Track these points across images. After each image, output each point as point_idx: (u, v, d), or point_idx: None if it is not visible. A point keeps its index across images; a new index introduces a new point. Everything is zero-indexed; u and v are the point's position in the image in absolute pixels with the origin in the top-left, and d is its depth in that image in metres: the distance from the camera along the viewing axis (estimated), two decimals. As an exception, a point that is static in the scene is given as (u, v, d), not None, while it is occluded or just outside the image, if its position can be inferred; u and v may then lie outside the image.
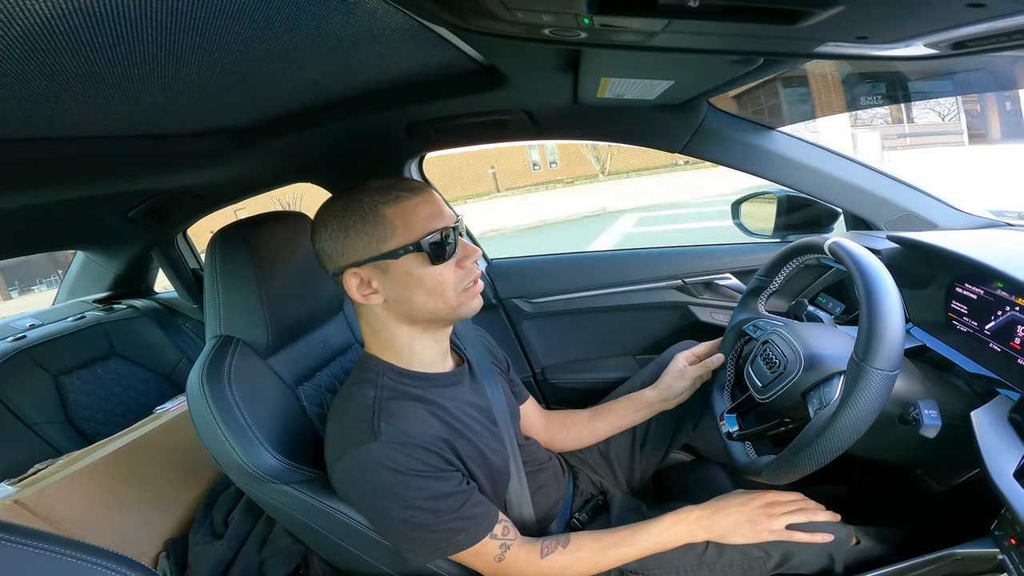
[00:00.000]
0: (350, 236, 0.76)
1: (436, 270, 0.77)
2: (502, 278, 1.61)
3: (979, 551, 0.75)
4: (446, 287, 0.78)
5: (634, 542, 0.86)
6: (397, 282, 0.77)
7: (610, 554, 0.85)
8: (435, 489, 0.75)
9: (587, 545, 0.85)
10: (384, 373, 0.81)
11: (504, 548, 0.81)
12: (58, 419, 1.65)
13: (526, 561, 0.82)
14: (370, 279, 0.77)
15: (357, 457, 0.73)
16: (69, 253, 2.13)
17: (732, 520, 0.86)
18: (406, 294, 0.78)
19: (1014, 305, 0.78)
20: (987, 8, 0.45)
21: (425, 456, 0.75)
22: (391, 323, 0.81)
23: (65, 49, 0.46)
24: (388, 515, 0.75)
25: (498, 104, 1.11)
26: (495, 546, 0.80)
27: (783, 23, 0.51)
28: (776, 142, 1.18)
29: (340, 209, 0.77)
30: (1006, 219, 1.10)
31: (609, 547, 0.85)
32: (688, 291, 1.49)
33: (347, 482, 0.75)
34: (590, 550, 0.85)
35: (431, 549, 0.77)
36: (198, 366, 0.81)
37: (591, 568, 0.84)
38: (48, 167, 0.82)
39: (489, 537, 0.79)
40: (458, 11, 0.55)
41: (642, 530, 0.87)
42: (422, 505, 0.74)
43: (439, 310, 0.80)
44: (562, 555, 0.83)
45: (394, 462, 0.73)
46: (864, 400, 0.65)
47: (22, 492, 1.00)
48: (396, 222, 0.75)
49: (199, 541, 1.08)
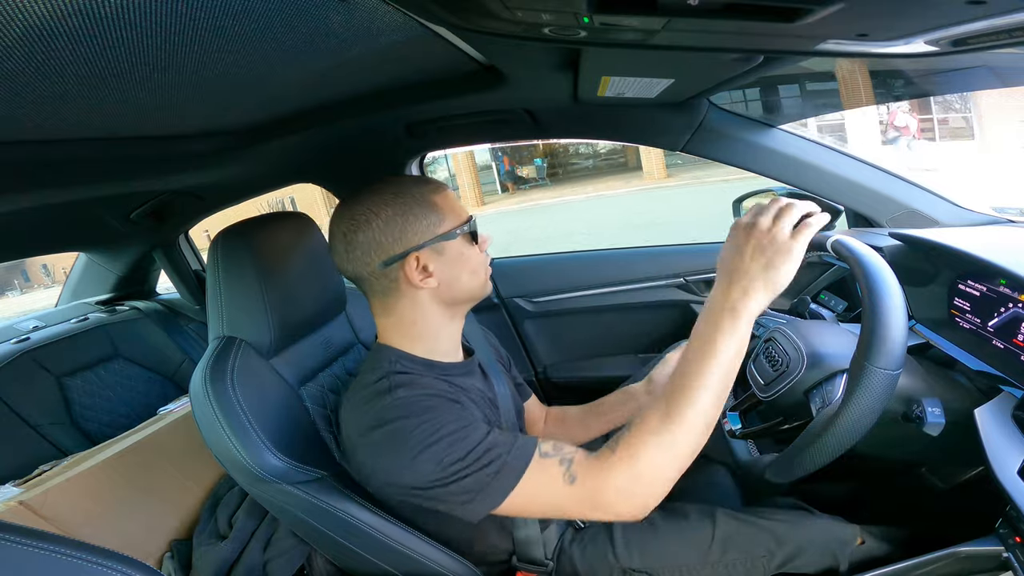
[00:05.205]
0: (409, 221, 0.79)
1: (476, 251, 0.85)
2: (504, 277, 1.61)
3: (983, 549, 0.74)
4: (482, 267, 0.86)
5: (692, 366, 0.68)
6: (451, 263, 0.82)
7: (681, 395, 0.67)
8: (459, 419, 0.72)
9: (654, 407, 0.69)
10: (398, 360, 0.81)
11: (567, 464, 0.70)
12: (62, 421, 1.66)
13: (601, 466, 0.68)
14: (427, 263, 0.80)
15: (376, 422, 0.72)
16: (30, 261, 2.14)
17: (750, 278, 0.68)
18: (456, 274, 0.82)
19: (1017, 302, 0.77)
20: (987, 5, 0.45)
21: (440, 401, 0.74)
22: (431, 309, 0.83)
23: (65, 50, 0.46)
24: (423, 472, 0.69)
25: (498, 103, 1.11)
26: (554, 465, 0.70)
27: (783, 21, 0.51)
28: (777, 140, 1.18)
29: (390, 198, 0.80)
30: (1008, 216, 1.09)
31: (676, 391, 0.68)
32: (689, 289, 1.49)
33: (373, 456, 0.73)
34: (658, 407, 0.68)
35: (486, 492, 0.69)
36: (201, 367, 0.81)
37: (673, 426, 0.66)
38: (49, 169, 0.82)
39: (539, 456, 0.70)
40: (458, 10, 0.54)
41: (687, 358, 0.69)
42: (452, 440, 0.70)
43: (476, 288, 0.86)
44: (630, 438, 0.68)
45: (410, 411, 0.72)
46: (866, 400, 0.65)
47: (27, 493, 1.00)
48: (444, 208, 0.82)
49: (203, 542, 1.08)
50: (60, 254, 2.08)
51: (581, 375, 1.59)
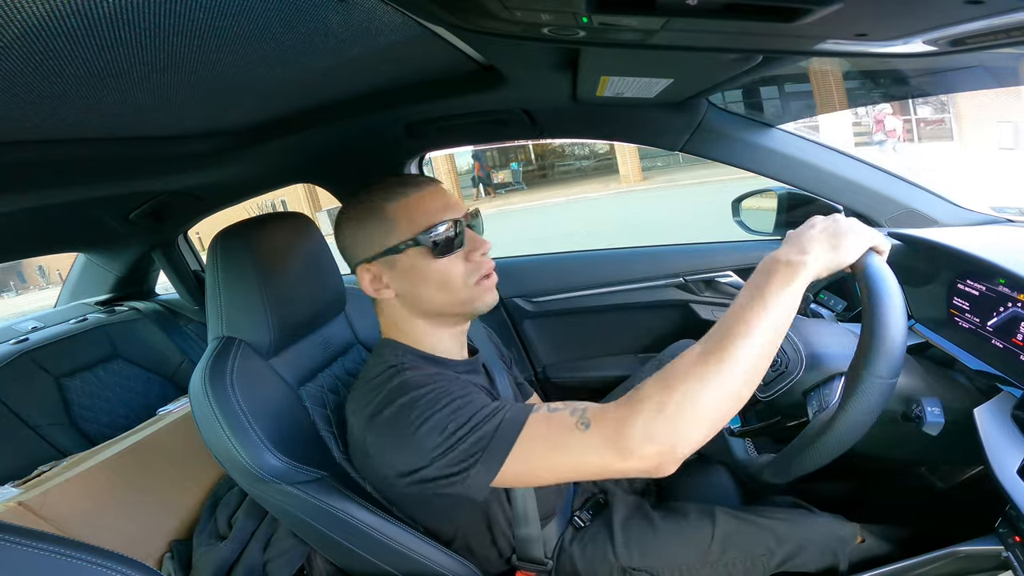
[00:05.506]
0: (359, 233, 0.79)
1: (441, 263, 0.78)
2: (503, 277, 1.60)
3: (983, 549, 0.75)
4: (453, 280, 0.78)
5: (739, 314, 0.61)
6: (404, 277, 0.79)
7: (724, 341, 0.60)
8: (462, 389, 0.71)
9: (687, 353, 0.62)
10: (404, 353, 0.80)
11: (579, 413, 0.63)
12: (61, 421, 1.65)
13: (619, 410, 0.61)
14: (380, 274, 0.79)
15: (384, 403, 0.71)
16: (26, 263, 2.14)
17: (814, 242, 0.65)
18: (414, 289, 0.79)
19: (1016, 301, 0.77)
20: (986, 5, 0.45)
21: (443, 378, 0.73)
22: (406, 316, 0.83)
23: (63, 51, 0.46)
24: (427, 443, 0.66)
25: (497, 103, 1.11)
26: (564, 416, 0.64)
27: (782, 21, 0.51)
28: (776, 139, 1.18)
29: (353, 208, 0.81)
30: (1007, 215, 1.10)
31: (718, 333, 0.61)
32: (689, 289, 1.49)
33: (380, 437, 0.71)
34: (694, 350, 0.61)
35: (488, 451, 0.64)
36: (201, 367, 0.81)
37: (713, 367, 0.59)
38: (48, 169, 0.82)
39: (546, 410, 0.66)
40: (456, 10, 0.55)
41: (736, 305, 0.62)
42: (455, 406, 0.68)
43: (449, 304, 0.80)
44: (662, 376, 0.61)
45: (415, 384, 0.70)
46: (862, 406, 0.64)
47: (26, 494, 1.00)
48: (399, 218, 0.78)
49: (203, 542, 1.08)
50: (56, 255, 2.08)
51: (580, 375, 1.59)
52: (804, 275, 0.62)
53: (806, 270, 0.62)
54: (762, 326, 0.60)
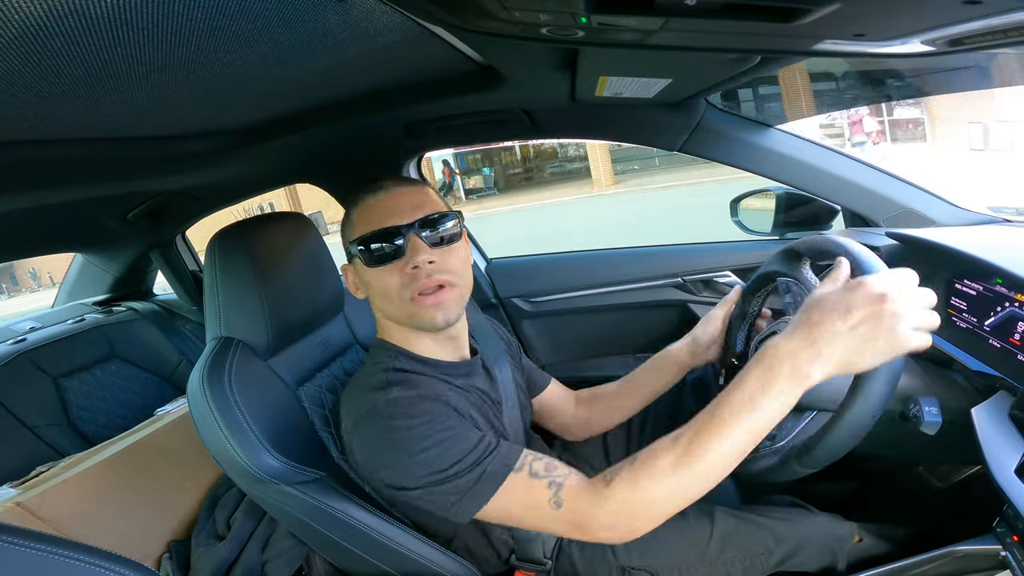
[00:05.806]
0: (343, 232, 0.83)
1: (375, 273, 0.76)
2: (502, 277, 1.61)
3: (981, 548, 0.75)
4: (389, 293, 0.76)
5: (724, 416, 0.61)
6: (362, 282, 0.82)
7: (701, 443, 0.61)
8: (451, 426, 0.71)
9: (662, 448, 0.63)
10: (397, 357, 0.81)
11: (556, 488, 0.67)
12: (59, 422, 1.65)
13: (590, 497, 0.65)
14: (353, 276, 0.83)
15: (370, 415, 0.73)
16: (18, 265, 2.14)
17: (834, 347, 0.58)
18: (369, 294, 0.81)
19: (1013, 301, 0.78)
20: (984, 5, 0.45)
21: (433, 405, 0.73)
22: (382, 318, 0.84)
23: (61, 51, 0.45)
24: (413, 474, 0.69)
25: (496, 103, 1.11)
26: (542, 487, 0.67)
27: (780, 21, 0.51)
28: (774, 139, 1.18)
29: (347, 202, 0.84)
30: (1004, 215, 1.10)
31: (698, 438, 0.61)
32: (687, 289, 1.49)
33: (365, 448, 0.74)
34: (672, 450, 0.62)
35: (469, 496, 0.68)
36: (199, 367, 0.81)
37: (683, 472, 0.61)
38: (46, 169, 0.82)
39: (528, 474, 0.68)
40: (455, 10, 0.54)
41: (724, 403, 0.62)
42: (442, 448, 0.69)
43: (395, 315, 0.80)
44: (634, 472, 0.64)
45: (403, 412, 0.71)
46: (861, 410, 0.62)
47: (24, 495, 1.00)
48: (357, 222, 0.79)
49: (202, 543, 1.08)
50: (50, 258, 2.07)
51: (579, 375, 1.59)
52: (806, 386, 0.58)
53: (809, 381, 0.58)
54: (750, 433, 0.61)
